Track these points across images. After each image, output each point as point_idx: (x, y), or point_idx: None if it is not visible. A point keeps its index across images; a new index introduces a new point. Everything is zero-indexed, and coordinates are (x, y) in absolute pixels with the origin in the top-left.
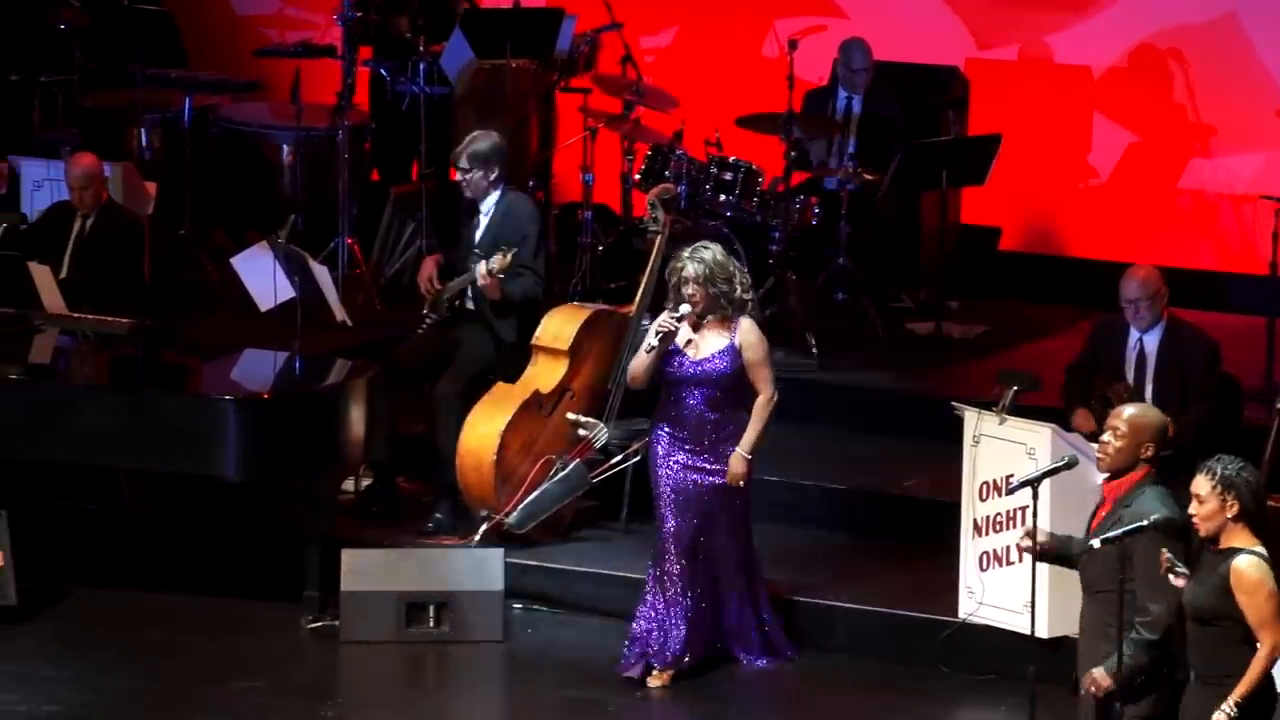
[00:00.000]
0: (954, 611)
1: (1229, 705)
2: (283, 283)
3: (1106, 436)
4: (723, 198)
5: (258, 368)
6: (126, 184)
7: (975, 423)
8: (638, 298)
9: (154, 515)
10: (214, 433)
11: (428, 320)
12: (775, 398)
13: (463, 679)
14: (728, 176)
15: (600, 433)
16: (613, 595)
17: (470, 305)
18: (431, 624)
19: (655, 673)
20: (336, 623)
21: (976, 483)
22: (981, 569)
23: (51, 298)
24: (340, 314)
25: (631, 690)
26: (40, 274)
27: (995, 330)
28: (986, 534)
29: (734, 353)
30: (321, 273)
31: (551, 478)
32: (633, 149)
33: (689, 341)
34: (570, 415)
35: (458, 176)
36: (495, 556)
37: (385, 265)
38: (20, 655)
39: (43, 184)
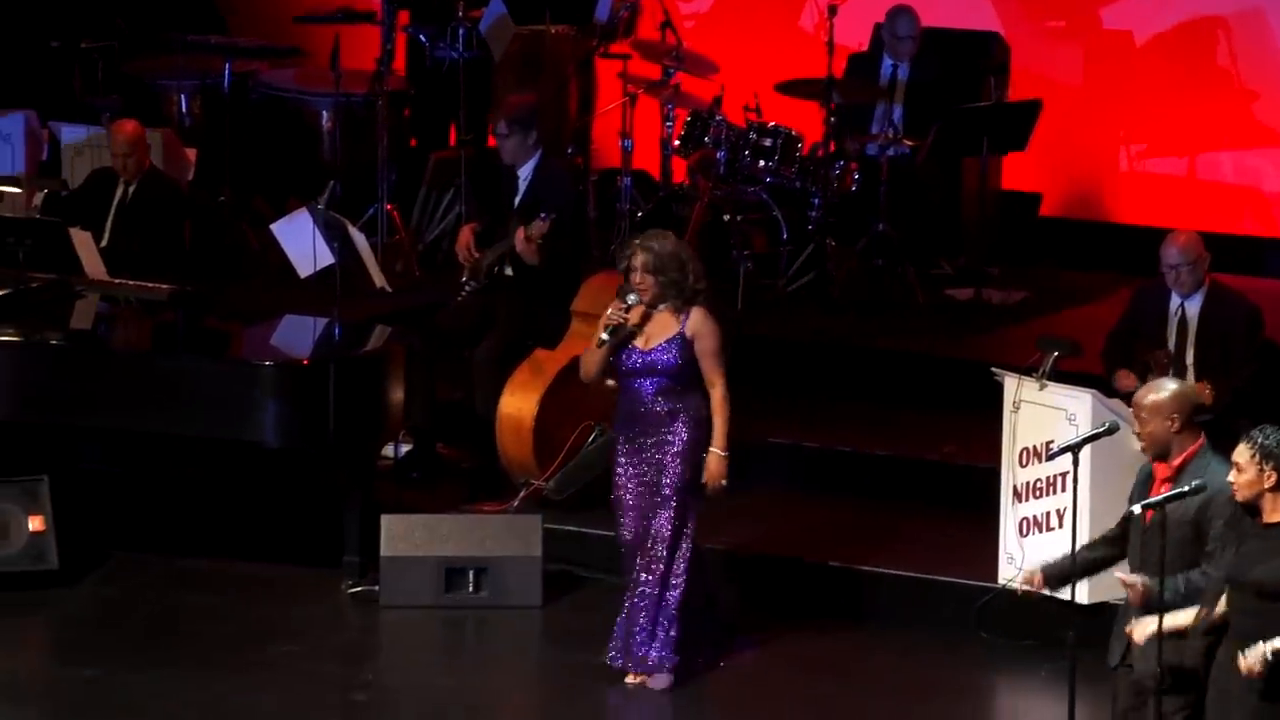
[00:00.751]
0: (993, 578)
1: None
2: (322, 249)
3: (1135, 427)
4: (762, 164)
5: (297, 334)
6: (167, 150)
7: (1015, 388)
8: None
9: (195, 480)
10: (253, 399)
11: (467, 287)
12: (727, 391)
13: (501, 644)
14: (767, 142)
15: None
16: None
17: (509, 271)
18: (470, 589)
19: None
20: (376, 588)
21: (1016, 449)
22: (1021, 535)
23: (93, 264)
24: (379, 280)
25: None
26: (81, 240)
27: (1035, 296)
28: (1026, 500)
29: (683, 343)
30: (360, 239)
31: (590, 444)
32: (672, 115)
33: (640, 334)
34: (610, 381)
35: (496, 141)
36: (534, 522)
37: (424, 231)
38: (62, 620)
39: (83, 150)
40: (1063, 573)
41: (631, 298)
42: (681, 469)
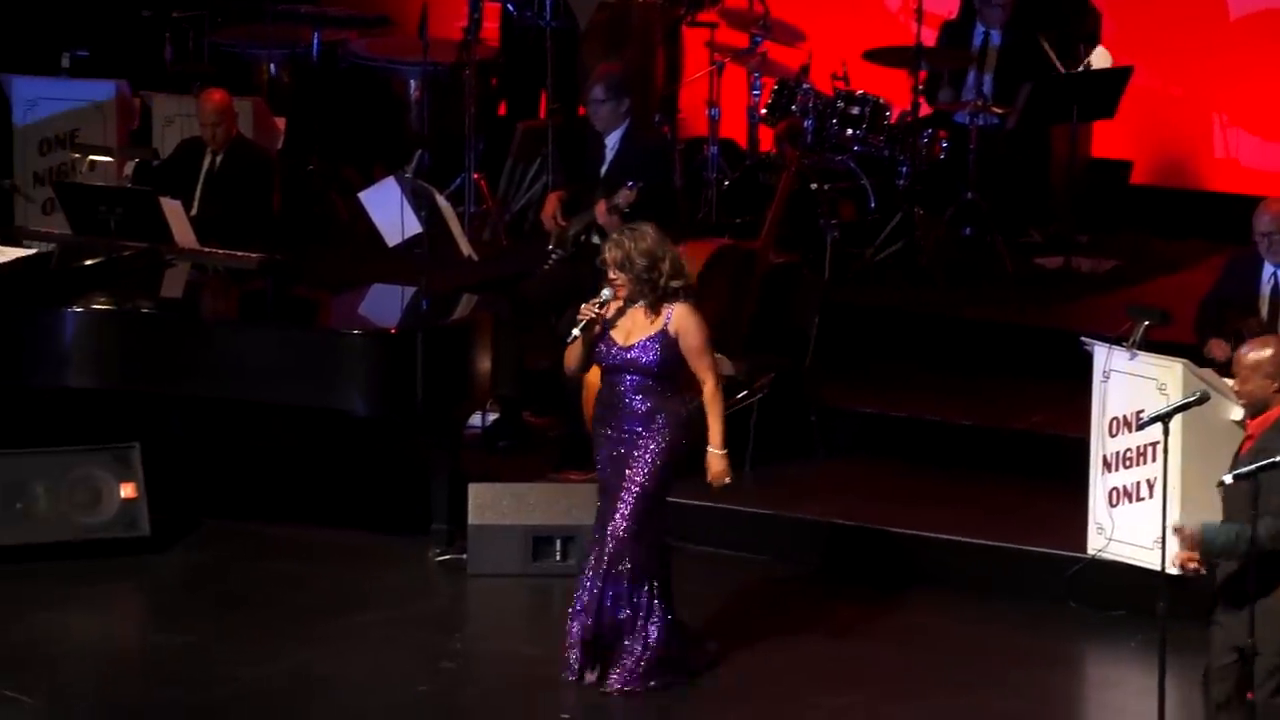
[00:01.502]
0: (1083, 548)
1: None
2: (410, 218)
3: (1233, 383)
4: (849, 132)
5: (385, 303)
6: (256, 120)
7: (1105, 358)
8: (764, 233)
9: (284, 449)
10: (341, 367)
11: (553, 255)
12: (719, 384)
13: None
14: (855, 110)
15: (727, 368)
16: (734, 531)
17: (595, 240)
18: (557, 557)
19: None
20: (463, 556)
21: (1106, 418)
22: (1111, 505)
23: (183, 232)
24: (466, 249)
25: (746, 624)
26: (172, 209)
27: (1125, 265)
28: (1116, 470)
29: (664, 341)
30: (448, 208)
31: None
32: (759, 83)
33: (617, 327)
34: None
35: (587, 109)
36: None
37: (511, 200)
38: (153, 586)
39: (174, 119)
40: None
41: (606, 293)
42: (658, 472)
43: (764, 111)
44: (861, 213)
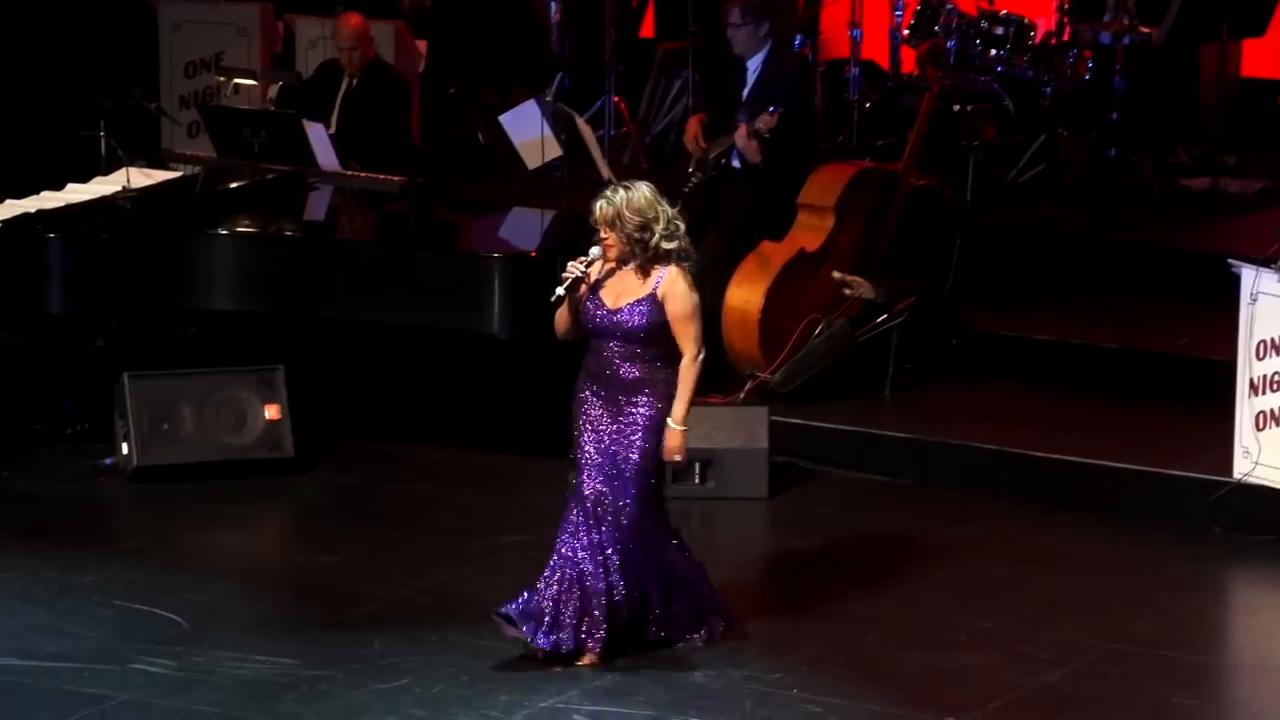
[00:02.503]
0: (1228, 472)
1: None
2: (550, 141)
3: None
4: (993, 53)
5: (525, 226)
6: (398, 43)
7: (1253, 280)
8: (906, 155)
9: (425, 371)
10: (481, 290)
11: (693, 179)
12: (702, 356)
13: (727, 536)
14: (999, 31)
15: (867, 291)
16: (876, 455)
17: (735, 164)
18: (697, 480)
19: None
20: None
21: (1253, 341)
22: (1258, 429)
23: (326, 156)
24: (606, 172)
25: (885, 548)
26: (315, 132)
27: (1274, 186)
28: (1263, 393)
29: (653, 305)
30: (588, 131)
31: (816, 336)
32: (901, 3)
33: (606, 288)
34: (836, 274)
35: (727, 32)
36: (760, 415)
37: (651, 123)
38: (297, 507)
39: (317, 42)
40: None
41: (594, 251)
42: (648, 448)
43: (906, 32)
44: (1004, 134)
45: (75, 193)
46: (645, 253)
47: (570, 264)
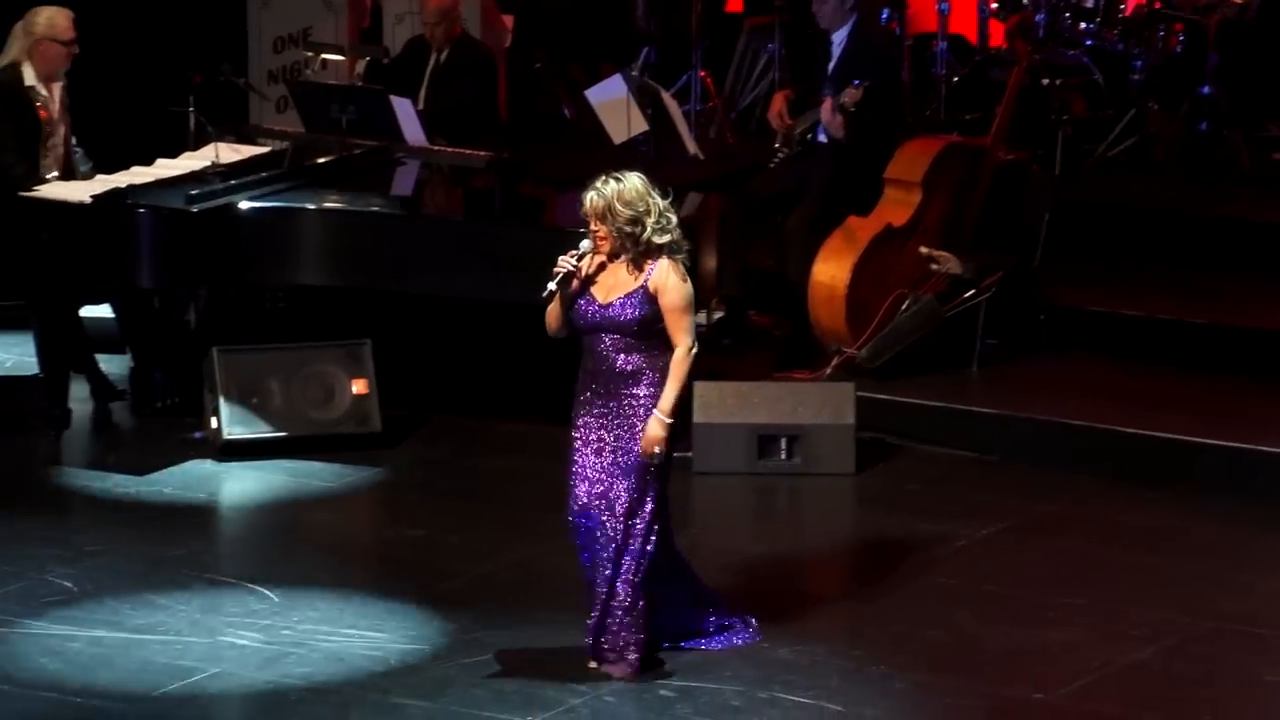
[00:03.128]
0: None
1: None
2: (636, 116)
3: None
4: (1083, 26)
5: None
6: (485, 18)
7: None
8: (994, 129)
9: (510, 346)
10: None
11: (779, 153)
12: (695, 350)
13: (814, 511)
14: (1089, 4)
15: (954, 266)
16: (963, 430)
17: (821, 139)
18: (783, 456)
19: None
20: (689, 454)
21: None
22: None
23: (413, 131)
24: (692, 147)
25: (972, 524)
26: (402, 107)
27: None
28: None
29: (645, 297)
30: (674, 106)
31: (903, 312)
32: None
33: (597, 283)
34: (923, 249)
35: (813, 5)
36: (846, 390)
37: (738, 98)
38: (384, 482)
39: (404, 17)
40: None
41: (585, 244)
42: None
43: (995, 5)
44: (1094, 108)
45: (165, 168)
46: (637, 246)
47: (561, 259)
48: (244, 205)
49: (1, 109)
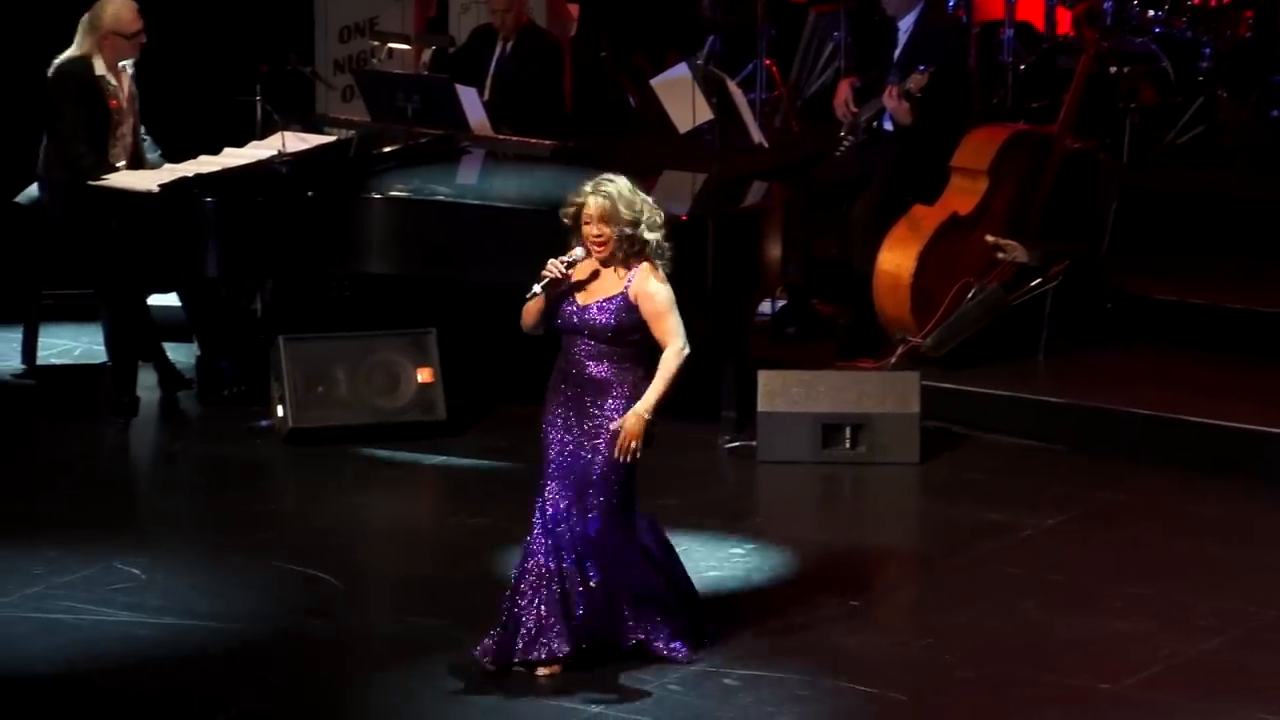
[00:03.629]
0: None
1: None
2: (701, 104)
3: None
4: (1151, 13)
5: (676, 189)
6: (550, 7)
7: None
8: (1061, 117)
9: None
10: None
11: (845, 142)
12: (686, 350)
13: (878, 500)
14: None
15: (1020, 254)
16: (1029, 420)
17: (888, 126)
18: (848, 445)
19: (542, 666)
20: (753, 443)
21: None
22: None
23: (478, 119)
24: (757, 136)
25: (1038, 513)
26: (467, 96)
27: None
28: None
29: (624, 304)
30: (739, 94)
31: (969, 301)
32: None
33: (583, 286)
34: (989, 237)
35: None
36: (911, 379)
37: (803, 86)
38: (449, 470)
39: (470, 6)
40: None
41: (578, 252)
42: (613, 455)
43: None
44: (1162, 96)
45: (231, 157)
46: (632, 247)
47: (551, 262)
48: (310, 194)
49: (72, 99)
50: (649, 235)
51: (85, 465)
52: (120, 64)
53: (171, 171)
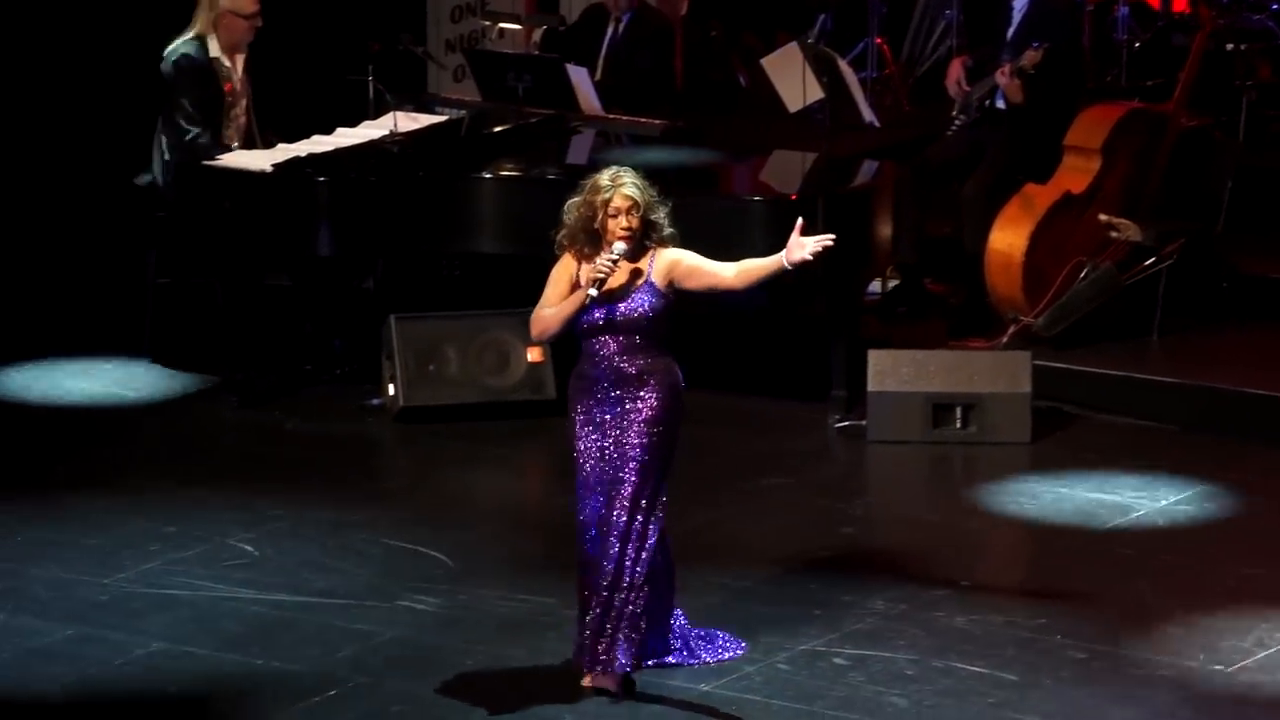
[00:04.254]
0: None
1: None
2: (811, 84)
3: None
4: None
5: (786, 169)
6: None
7: None
8: (1176, 95)
9: (689, 315)
10: (743, 233)
11: (957, 120)
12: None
13: (990, 479)
14: None
15: (1134, 233)
16: (1142, 400)
17: (1000, 105)
18: (958, 425)
19: (598, 676)
20: (864, 422)
21: None
22: None
23: (588, 100)
24: (868, 115)
25: (1154, 492)
26: (578, 76)
27: None
28: None
29: (653, 290)
30: (850, 73)
31: (1082, 280)
32: None
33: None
34: (1103, 216)
35: None
36: (1023, 359)
37: (915, 65)
38: (558, 449)
39: None
40: None
41: (619, 247)
42: (649, 439)
43: None
44: (1279, 74)
45: (344, 137)
46: (654, 233)
47: (599, 260)
48: (422, 174)
49: (186, 80)
50: (662, 219)
51: (200, 443)
52: (235, 49)
53: (285, 151)
